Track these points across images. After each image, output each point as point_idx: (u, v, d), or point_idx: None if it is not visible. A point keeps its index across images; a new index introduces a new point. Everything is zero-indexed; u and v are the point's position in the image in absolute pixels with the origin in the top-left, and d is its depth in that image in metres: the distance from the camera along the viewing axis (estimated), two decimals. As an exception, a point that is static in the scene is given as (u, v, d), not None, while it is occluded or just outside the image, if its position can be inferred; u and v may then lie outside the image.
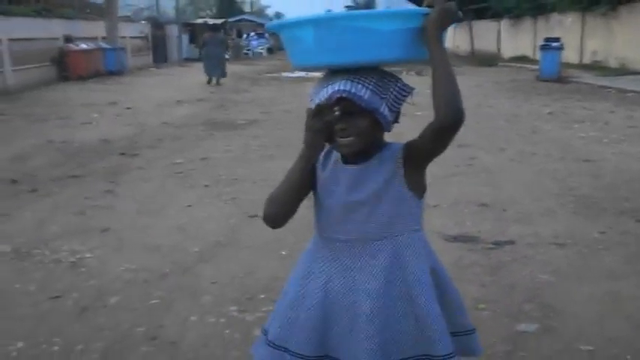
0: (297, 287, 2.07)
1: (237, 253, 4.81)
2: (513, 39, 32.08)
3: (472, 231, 5.11)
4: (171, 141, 9.86)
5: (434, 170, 6.41)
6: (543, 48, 19.67)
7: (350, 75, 1.86)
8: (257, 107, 14.04)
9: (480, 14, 34.71)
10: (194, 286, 4.22)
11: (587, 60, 23.97)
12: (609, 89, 16.42)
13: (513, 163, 7.74)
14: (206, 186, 6.85)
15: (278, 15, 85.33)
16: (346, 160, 1.99)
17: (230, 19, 49.69)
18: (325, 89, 1.88)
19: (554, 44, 19.52)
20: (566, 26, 25.27)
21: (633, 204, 5.81)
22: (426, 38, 1.82)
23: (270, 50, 48.34)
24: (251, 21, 55.29)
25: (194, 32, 40.98)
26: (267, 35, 47.75)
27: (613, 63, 22.08)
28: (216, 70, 20.76)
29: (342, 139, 1.91)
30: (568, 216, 5.53)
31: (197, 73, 23.12)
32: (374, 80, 1.88)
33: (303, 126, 1.87)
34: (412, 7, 1.93)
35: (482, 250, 4.70)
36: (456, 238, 4.95)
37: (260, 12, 76.77)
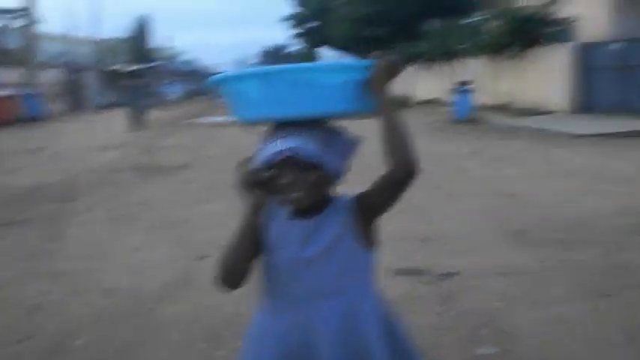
0: (253, 348, 2.03)
1: (195, 293, 4.89)
2: (426, 82, 33.11)
3: (419, 264, 5.36)
4: (105, 186, 9.88)
5: None
6: (456, 91, 20.51)
7: (296, 129, 1.82)
8: (183, 152, 14.14)
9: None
10: (159, 325, 4.29)
11: (499, 101, 24.98)
12: (521, 128, 17.20)
13: (447, 200, 8.09)
14: (149, 229, 6.91)
15: (191, 61, 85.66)
16: (295, 214, 1.94)
17: (145, 65, 49.67)
18: (271, 145, 1.83)
19: (465, 87, 20.45)
20: (477, 69, 26.30)
21: (563, 235, 6.18)
22: (372, 90, 1.83)
23: (185, 96, 48.60)
24: (166, 67, 55.40)
25: (111, 78, 40.84)
26: (182, 82, 48.01)
27: (522, 104, 23.09)
28: (139, 116, 20.90)
29: (290, 195, 1.86)
30: (506, 247, 5.84)
31: (117, 118, 23.05)
32: (321, 134, 1.85)
33: (237, 178, 1.86)
34: (353, 60, 1.96)
35: (432, 282, 4.94)
36: (405, 272, 5.18)
37: (173, 58, 76.87)
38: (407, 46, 32.86)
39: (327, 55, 2.04)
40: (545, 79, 21.98)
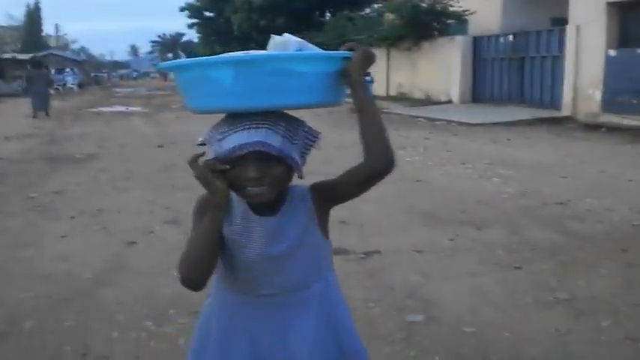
0: (217, 347, 1.95)
1: (131, 277, 5.06)
2: (323, 73, 33.61)
3: (342, 245, 5.70)
4: (16, 176, 9.74)
5: None
6: (356, 81, 20.99)
7: (258, 120, 1.73)
8: (90, 141, 13.98)
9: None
10: (102, 308, 4.44)
11: (393, 92, 25.74)
12: (419, 118, 17.91)
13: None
14: (72, 217, 6.97)
15: (83, 49, 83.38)
16: (255, 209, 1.87)
17: (40, 54, 48.20)
18: (235, 137, 1.72)
19: (367, 77, 20.82)
20: (374, 60, 26.95)
21: (471, 215, 6.69)
22: (349, 82, 1.79)
23: (80, 85, 47.49)
24: (58, 55, 53.87)
25: (2, 68, 39.54)
26: (76, 70, 46.83)
27: (418, 94, 23.93)
28: (42, 105, 20.63)
29: (253, 189, 1.77)
30: (419, 228, 6.29)
31: (15, 108, 22.47)
32: (283, 125, 1.77)
33: (197, 171, 1.76)
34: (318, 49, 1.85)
35: (356, 260, 5.30)
36: (335, 251, 5.52)
37: (65, 46, 74.70)
38: (304, 36, 33.11)
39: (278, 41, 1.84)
40: (440, 70, 22.88)
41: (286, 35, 1.84)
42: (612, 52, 15.83)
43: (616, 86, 15.46)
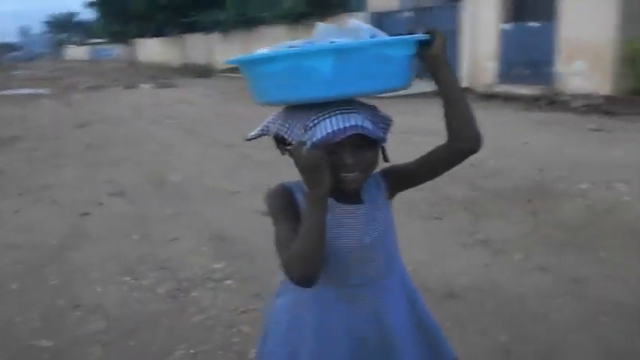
0: (317, 344, 1.90)
1: (93, 243, 5.53)
2: (225, 51, 33.79)
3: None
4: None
5: (219, 166, 7.70)
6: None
7: (344, 107, 1.71)
8: (9, 124, 13.94)
9: (191, 28, 35.89)
10: (77, 268, 4.91)
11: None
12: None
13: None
14: (20, 195, 7.30)
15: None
16: (340, 197, 1.84)
17: None
18: (326, 123, 1.67)
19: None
20: (276, 38, 27.45)
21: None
22: (437, 64, 1.79)
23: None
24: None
25: None
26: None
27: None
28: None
29: (348, 175, 1.76)
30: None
31: None
32: (366, 111, 1.77)
33: (301, 162, 1.67)
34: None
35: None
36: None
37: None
38: (206, 14, 33.18)
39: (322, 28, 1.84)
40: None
41: (356, 22, 1.82)
42: (506, 26, 16.89)
43: (510, 58, 16.47)
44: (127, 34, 49.81)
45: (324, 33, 1.82)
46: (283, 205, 1.84)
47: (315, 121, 1.70)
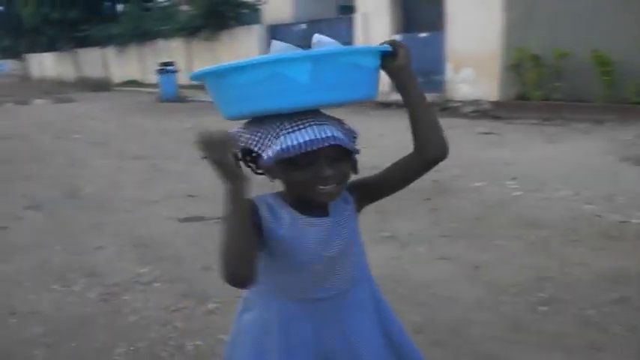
0: (278, 354, 1.87)
1: (18, 253, 5.61)
2: (121, 65, 33.45)
3: (196, 213, 6.56)
4: None
5: (131, 177, 7.89)
6: (160, 72, 21.56)
7: (315, 118, 1.71)
8: None
9: (84, 42, 35.30)
10: (6, 279, 5.01)
11: (196, 81, 26.44)
12: (226, 104, 18.90)
13: (199, 165, 9.31)
14: None
15: None
16: (304, 211, 1.83)
17: None
18: (298, 134, 1.67)
19: (170, 68, 21.57)
20: (172, 51, 27.44)
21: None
22: (404, 75, 1.82)
23: None
24: None
25: None
26: None
27: (219, 82, 24.82)
28: None
29: (325, 188, 1.74)
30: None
31: None
32: (337, 123, 1.78)
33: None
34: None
35: (212, 224, 6.18)
36: (188, 219, 6.37)
37: None
38: (99, 28, 32.77)
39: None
40: (240, 58, 23.76)
41: (319, 36, 1.82)
42: (397, 37, 17.57)
43: (402, 67, 17.14)
44: (18, 49, 48.52)
45: (279, 50, 1.78)
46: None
47: (290, 130, 1.68)
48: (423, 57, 16.13)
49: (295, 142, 1.65)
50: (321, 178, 1.72)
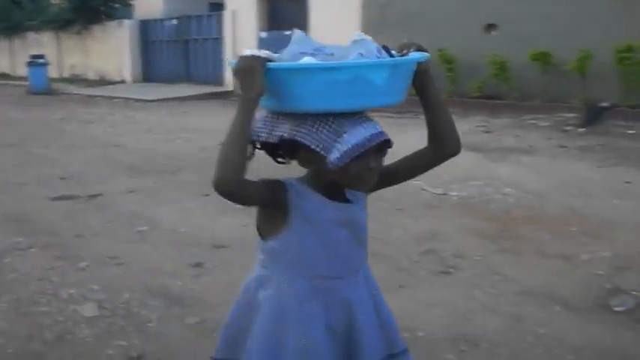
0: (299, 335, 1.93)
1: None
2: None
3: (69, 192, 7.16)
4: None
5: (2, 165, 8.38)
6: (30, 64, 21.45)
7: (362, 115, 1.83)
8: None
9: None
10: None
11: (67, 74, 26.44)
12: (97, 97, 19.24)
13: (70, 151, 9.94)
14: None
15: None
16: (329, 195, 1.91)
17: None
18: (361, 129, 1.78)
19: (40, 60, 21.50)
20: (43, 44, 27.23)
21: (164, 167, 8.57)
22: (427, 77, 1.92)
23: None
24: None
25: None
26: None
27: (92, 75, 24.99)
28: None
29: (370, 179, 1.87)
30: (127, 177, 7.93)
31: None
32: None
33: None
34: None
35: (85, 201, 6.82)
36: (61, 198, 6.97)
37: None
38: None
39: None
40: (110, 52, 24.19)
41: (359, 34, 1.88)
42: (263, 34, 18.44)
43: (269, 63, 17.95)
44: None
45: (301, 41, 1.91)
46: (268, 185, 1.88)
47: (351, 126, 1.78)
48: (287, 53, 17.06)
49: (358, 138, 1.76)
50: (369, 169, 1.83)
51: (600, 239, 5.28)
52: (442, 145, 2.00)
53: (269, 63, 1.73)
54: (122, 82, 23.59)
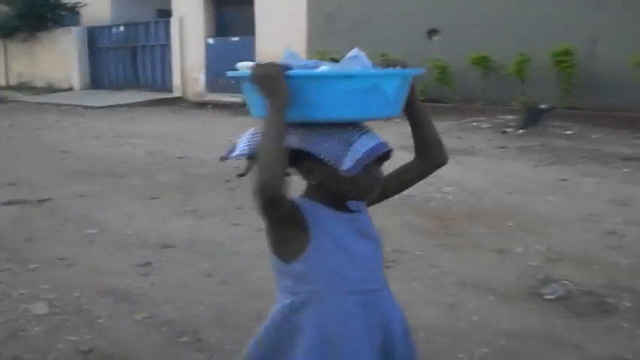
0: (351, 354, 1.88)
1: None
2: None
3: (18, 197, 7.19)
4: None
5: None
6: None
7: (363, 126, 1.86)
8: None
9: None
10: None
11: (14, 82, 26.16)
12: (45, 104, 19.12)
13: (11, 159, 9.88)
14: None
15: None
16: (338, 208, 1.91)
17: None
18: (364, 138, 1.81)
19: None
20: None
21: (112, 171, 8.65)
22: (414, 94, 1.94)
23: None
24: None
25: None
26: None
27: (39, 83, 24.74)
28: None
29: (375, 190, 1.89)
30: (76, 182, 7.97)
31: None
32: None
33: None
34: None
35: (36, 206, 6.83)
36: (11, 203, 7.00)
37: None
38: None
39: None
40: (59, 59, 23.99)
41: (356, 51, 1.90)
42: (211, 41, 18.58)
43: (216, 69, 17.96)
44: None
45: (291, 58, 1.93)
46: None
47: (358, 136, 1.81)
48: (234, 59, 16.84)
49: (374, 144, 1.81)
50: (375, 179, 1.87)
51: (534, 234, 5.56)
52: (430, 157, 2.04)
53: (289, 71, 1.74)
54: (70, 89, 23.41)
